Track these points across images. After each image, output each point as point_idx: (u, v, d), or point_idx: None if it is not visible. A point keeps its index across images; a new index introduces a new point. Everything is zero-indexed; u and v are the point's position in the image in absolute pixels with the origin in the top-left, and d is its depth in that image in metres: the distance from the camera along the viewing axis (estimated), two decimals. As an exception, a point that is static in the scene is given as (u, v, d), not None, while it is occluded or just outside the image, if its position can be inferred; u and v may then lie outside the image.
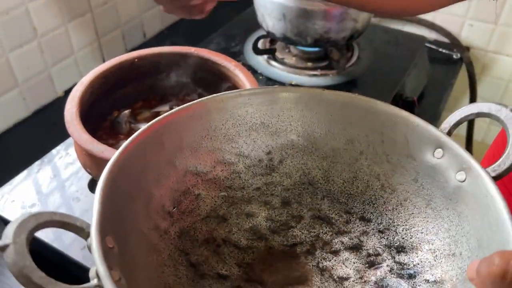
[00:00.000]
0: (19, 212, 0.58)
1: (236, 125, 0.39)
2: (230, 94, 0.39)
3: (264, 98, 0.39)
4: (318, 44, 0.80)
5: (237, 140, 0.40)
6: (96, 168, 0.51)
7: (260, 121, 0.40)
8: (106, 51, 1.00)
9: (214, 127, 0.39)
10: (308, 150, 0.41)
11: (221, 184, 0.40)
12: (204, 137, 0.38)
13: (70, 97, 0.55)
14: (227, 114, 0.39)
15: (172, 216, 0.37)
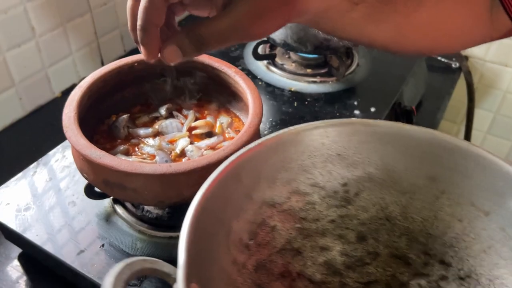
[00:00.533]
0: (14, 215, 0.58)
1: (311, 157, 0.39)
2: (306, 126, 0.38)
3: (341, 130, 0.38)
4: (318, 51, 0.80)
5: (313, 171, 0.39)
6: (93, 174, 0.51)
7: (336, 153, 0.39)
8: (104, 52, 0.99)
9: (289, 159, 0.38)
10: (385, 184, 0.40)
11: (296, 215, 0.40)
12: (280, 169, 0.38)
13: (68, 101, 0.54)
14: (303, 146, 0.38)
15: (249, 249, 0.37)
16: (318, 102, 0.80)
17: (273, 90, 0.82)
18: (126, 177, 0.48)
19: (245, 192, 0.37)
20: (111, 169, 0.47)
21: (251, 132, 0.52)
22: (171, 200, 0.50)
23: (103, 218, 0.58)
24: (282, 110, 0.77)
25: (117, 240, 0.55)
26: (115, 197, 0.57)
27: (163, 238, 0.56)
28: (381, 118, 0.76)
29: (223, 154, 0.49)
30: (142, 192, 0.49)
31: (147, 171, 0.47)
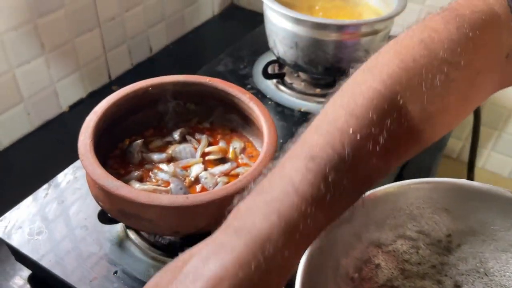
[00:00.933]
0: (26, 239, 0.57)
1: (419, 208, 0.42)
2: (416, 181, 0.42)
3: (449, 187, 0.42)
4: (328, 73, 0.80)
5: (420, 220, 0.43)
6: (109, 203, 0.50)
7: (443, 207, 0.42)
8: (112, 66, 0.99)
9: (399, 208, 0.42)
10: (487, 240, 0.43)
11: (399, 257, 0.43)
12: (389, 216, 0.42)
13: (83, 127, 0.54)
14: (412, 198, 0.42)
15: (354, 281, 0.41)
16: (328, 123, 0.80)
17: (282, 110, 0.82)
18: (142, 208, 0.48)
19: (355, 232, 0.41)
20: (128, 200, 0.47)
21: (266, 162, 0.52)
22: (186, 231, 0.50)
23: (116, 243, 0.58)
24: (292, 132, 0.78)
25: (130, 267, 0.55)
26: (130, 226, 0.56)
27: (176, 265, 0.56)
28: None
29: (240, 185, 0.49)
30: (158, 222, 0.49)
31: (165, 203, 0.47)
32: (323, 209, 0.32)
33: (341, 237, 0.39)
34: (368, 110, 0.34)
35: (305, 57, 0.78)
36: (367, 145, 0.33)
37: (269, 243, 0.30)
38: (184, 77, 0.63)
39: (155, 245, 0.57)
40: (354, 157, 0.33)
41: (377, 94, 0.34)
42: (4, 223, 0.59)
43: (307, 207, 0.31)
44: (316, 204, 0.31)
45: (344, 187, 0.33)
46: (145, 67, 1.06)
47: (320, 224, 0.33)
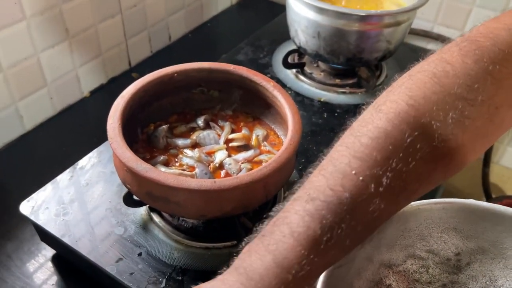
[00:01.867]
0: (53, 220, 0.59)
1: (429, 228, 0.43)
2: (426, 202, 0.42)
3: (459, 208, 0.42)
4: (350, 63, 0.81)
5: (429, 239, 0.44)
6: (137, 185, 0.51)
7: (452, 227, 0.43)
8: (132, 53, 1.00)
9: (408, 229, 0.43)
10: (496, 259, 0.43)
11: (410, 277, 0.44)
12: (399, 237, 0.43)
13: (111, 111, 0.55)
14: (422, 218, 0.43)
15: None
16: (348, 114, 0.80)
17: (302, 100, 0.83)
18: (170, 191, 0.49)
19: (367, 255, 0.41)
20: (157, 183, 0.48)
21: (291, 149, 0.53)
22: (212, 215, 0.51)
23: (140, 226, 0.59)
24: (312, 121, 0.78)
25: (154, 249, 0.56)
26: (157, 209, 0.58)
27: (200, 248, 0.57)
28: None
29: (265, 172, 0.50)
30: (185, 206, 0.50)
31: (193, 186, 0.47)
32: (320, 252, 0.31)
33: (354, 260, 0.40)
34: (372, 151, 0.33)
35: (327, 47, 0.78)
36: (369, 186, 0.32)
37: (262, 284, 0.30)
38: (209, 64, 0.63)
39: (179, 228, 0.58)
40: (354, 199, 0.32)
41: (383, 133, 0.33)
42: (31, 204, 0.60)
43: (302, 250, 0.31)
44: (311, 246, 0.31)
45: (343, 229, 0.32)
46: (164, 54, 1.07)
47: (317, 266, 0.32)
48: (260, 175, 0.49)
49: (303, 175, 0.36)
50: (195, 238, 0.58)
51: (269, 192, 0.53)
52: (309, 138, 0.75)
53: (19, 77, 0.78)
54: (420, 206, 0.42)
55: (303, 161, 0.70)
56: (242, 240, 0.55)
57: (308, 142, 0.74)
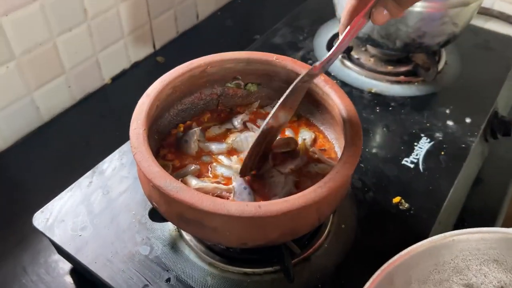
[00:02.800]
0: (69, 235, 0.51)
1: (465, 260, 0.41)
2: (460, 232, 0.40)
3: (501, 238, 0.40)
4: (408, 49, 0.69)
5: (466, 273, 0.41)
6: (166, 205, 0.43)
7: (493, 258, 0.41)
8: (156, 35, 0.90)
9: (442, 262, 0.41)
10: None
11: None
12: (432, 271, 0.41)
13: (135, 113, 0.46)
14: (457, 250, 0.40)
15: None
16: (404, 108, 0.70)
17: (350, 91, 0.73)
18: (206, 216, 0.40)
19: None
20: (189, 206, 0.39)
21: (351, 165, 0.43)
22: (254, 243, 0.43)
23: (168, 244, 0.51)
24: (362, 117, 0.68)
25: (185, 273, 0.48)
26: (190, 234, 0.50)
27: (237, 274, 0.49)
28: (478, 131, 0.66)
29: (321, 193, 0.40)
30: (223, 232, 0.42)
31: (233, 212, 0.39)
32: None
33: None
34: None
35: (382, 29, 0.67)
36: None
37: None
38: (247, 54, 0.54)
39: (213, 249, 0.50)
40: None
41: None
42: (46, 215, 0.53)
43: None
44: None
45: None
46: (191, 35, 0.97)
47: None
48: (315, 197, 0.40)
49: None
50: (232, 261, 0.49)
51: (322, 215, 0.44)
52: (359, 138, 0.65)
53: (34, 65, 0.70)
54: (455, 237, 0.40)
55: (354, 166, 0.61)
56: (289, 265, 0.47)
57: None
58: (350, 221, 0.54)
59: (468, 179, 0.66)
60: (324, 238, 0.52)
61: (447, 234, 0.40)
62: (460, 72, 0.77)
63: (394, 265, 0.38)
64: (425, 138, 0.65)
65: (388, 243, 0.52)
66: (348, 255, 0.51)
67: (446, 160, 0.62)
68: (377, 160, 0.62)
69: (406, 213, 0.56)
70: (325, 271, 0.49)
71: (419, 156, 0.62)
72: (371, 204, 0.56)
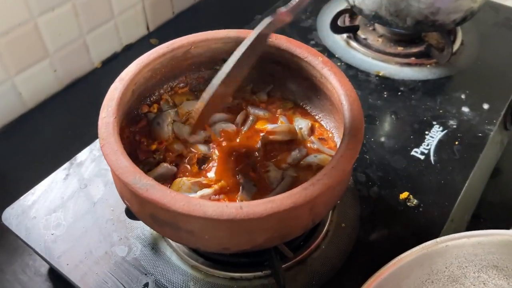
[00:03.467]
0: (41, 234, 0.47)
1: (461, 267, 0.38)
2: (454, 237, 0.37)
3: (500, 241, 0.37)
4: (420, 28, 0.63)
5: (463, 281, 0.38)
6: (136, 205, 0.38)
7: (492, 264, 0.37)
8: (150, 15, 0.85)
9: (436, 271, 0.38)
10: None
11: None
12: (425, 281, 0.38)
13: (106, 100, 0.41)
14: (452, 257, 0.38)
15: None
16: (415, 93, 0.63)
17: (355, 74, 0.66)
18: (181, 218, 0.35)
19: None
20: (161, 207, 0.34)
21: (350, 158, 0.37)
22: (238, 248, 0.37)
23: (148, 245, 0.46)
24: (368, 103, 0.62)
25: (165, 278, 0.44)
26: (166, 237, 0.45)
27: (224, 279, 0.44)
28: (497, 118, 0.59)
29: (313, 192, 0.35)
30: (201, 236, 0.36)
31: (211, 214, 0.33)
32: None
33: None
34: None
35: (391, 6, 0.61)
36: None
37: None
38: (236, 32, 0.48)
39: (197, 251, 0.45)
40: None
41: None
42: (16, 211, 0.49)
43: None
44: None
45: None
46: (188, 16, 0.92)
47: None
48: (306, 196, 0.35)
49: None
50: (218, 265, 0.44)
51: (317, 216, 0.39)
52: (364, 126, 0.58)
53: (13, 47, 0.65)
54: (449, 243, 0.37)
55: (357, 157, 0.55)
56: (278, 270, 0.42)
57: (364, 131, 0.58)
58: (351, 220, 0.49)
59: (485, 172, 0.60)
60: (322, 239, 0.47)
61: (440, 239, 0.37)
62: (477, 53, 0.70)
63: (382, 278, 0.35)
64: (437, 126, 0.58)
65: (394, 244, 0.47)
66: (349, 258, 0.46)
67: (461, 151, 0.55)
68: (383, 151, 0.56)
69: (414, 211, 0.50)
70: (323, 276, 0.44)
71: (430, 147, 0.56)
72: (376, 200, 0.51)
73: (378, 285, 0.34)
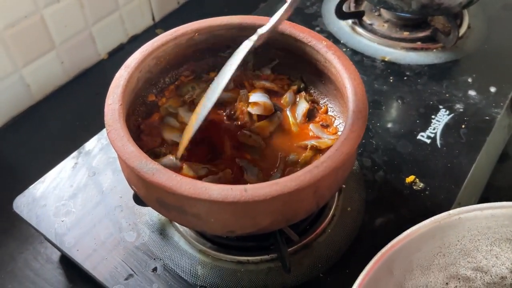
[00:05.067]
0: (51, 221, 0.48)
1: (474, 241, 0.37)
2: (467, 209, 0.36)
3: (511, 213, 0.35)
4: (425, 11, 0.62)
5: (475, 255, 0.37)
6: (143, 189, 0.39)
7: (505, 237, 0.36)
8: (155, 5, 0.85)
9: (448, 244, 0.37)
10: None
11: None
12: (436, 255, 0.37)
13: (111, 87, 0.42)
14: (464, 230, 0.36)
15: None
16: (421, 77, 0.63)
17: (361, 60, 0.66)
18: (187, 201, 0.36)
19: (397, 283, 0.35)
20: (167, 190, 0.35)
21: (353, 141, 0.38)
22: (243, 231, 0.38)
23: (156, 230, 0.47)
24: (374, 88, 0.62)
25: (173, 262, 0.44)
26: (173, 220, 0.45)
27: (231, 262, 0.44)
28: (504, 101, 0.59)
29: (317, 174, 0.35)
30: (207, 219, 0.37)
31: (216, 197, 0.34)
32: None
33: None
34: None
35: (396, -10, 0.60)
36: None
37: None
38: (239, 19, 0.48)
39: (204, 235, 0.46)
40: None
41: None
42: (27, 199, 0.50)
43: None
44: None
45: None
46: (193, 6, 0.92)
47: None
48: (310, 179, 0.35)
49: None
50: (225, 249, 0.45)
51: (321, 198, 0.39)
52: (370, 111, 0.59)
53: (20, 39, 0.66)
54: (461, 215, 0.36)
55: (363, 142, 0.55)
56: (284, 253, 0.43)
57: (370, 116, 0.58)
58: (357, 204, 0.49)
59: (492, 155, 0.60)
60: (328, 223, 0.47)
61: (452, 212, 0.36)
62: (485, 37, 0.69)
63: (393, 251, 0.34)
64: (443, 110, 0.58)
65: (399, 227, 0.46)
66: (354, 241, 0.46)
67: (467, 134, 0.55)
68: (389, 136, 0.56)
69: (421, 194, 0.50)
70: (328, 259, 0.44)
71: (436, 130, 0.56)
72: (382, 184, 0.51)
73: (389, 258, 0.34)
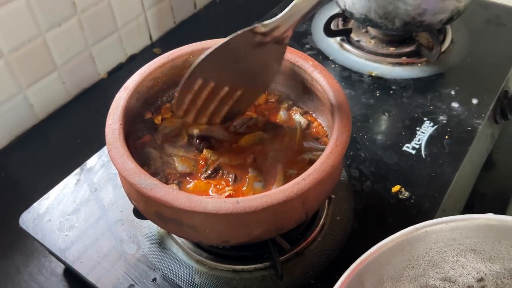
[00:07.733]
0: (56, 236, 0.50)
1: (441, 252, 0.38)
2: (432, 222, 0.37)
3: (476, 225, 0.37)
4: (408, 28, 0.65)
5: (443, 266, 0.38)
6: (143, 203, 0.41)
7: (470, 248, 0.38)
8: (152, 26, 0.88)
9: (416, 256, 0.38)
10: None
11: None
12: (405, 267, 0.38)
13: (112, 108, 0.44)
14: (431, 242, 0.38)
15: None
16: (406, 91, 0.66)
17: (349, 75, 0.69)
18: (183, 214, 0.38)
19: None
20: (165, 204, 0.37)
21: (338, 154, 0.40)
22: (237, 240, 0.41)
23: (156, 242, 0.49)
24: (361, 102, 0.65)
25: (172, 272, 0.47)
26: (171, 232, 0.48)
27: (226, 271, 0.47)
28: (485, 112, 0.62)
29: (304, 186, 0.38)
30: (203, 230, 0.40)
31: (210, 209, 0.37)
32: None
33: None
34: None
35: (380, 9, 0.63)
36: None
37: None
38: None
39: (201, 246, 0.48)
40: None
41: None
42: (32, 215, 0.52)
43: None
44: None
45: None
46: (189, 25, 0.95)
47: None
48: (298, 191, 0.38)
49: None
50: (221, 258, 0.47)
51: (310, 209, 0.42)
52: (358, 124, 0.61)
53: (24, 62, 0.69)
54: (427, 229, 0.37)
55: (351, 154, 0.58)
56: (276, 261, 0.45)
57: (358, 129, 0.61)
58: (346, 213, 0.51)
59: (476, 164, 0.63)
60: (318, 232, 0.49)
61: (419, 225, 0.38)
62: (467, 51, 0.72)
63: (363, 265, 0.35)
64: (428, 122, 0.61)
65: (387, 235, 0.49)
66: (344, 249, 0.48)
67: (451, 145, 0.58)
68: (376, 148, 0.58)
69: (406, 202, 0.52)
70: (319, 267, 0.47)
71: (421, 142, 0.58)
72: (369, 194, 0.53)
73: (360, 272, 0.35)
